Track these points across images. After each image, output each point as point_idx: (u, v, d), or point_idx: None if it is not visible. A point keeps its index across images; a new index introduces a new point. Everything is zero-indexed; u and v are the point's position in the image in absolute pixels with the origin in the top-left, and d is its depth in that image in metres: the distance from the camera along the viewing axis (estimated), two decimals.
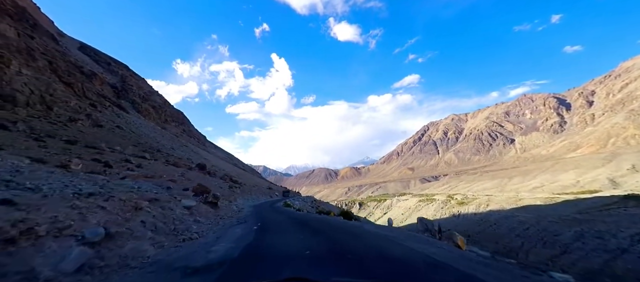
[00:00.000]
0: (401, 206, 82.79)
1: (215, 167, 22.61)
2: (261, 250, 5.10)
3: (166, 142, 19.02)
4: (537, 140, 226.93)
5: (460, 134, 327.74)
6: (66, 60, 17.86)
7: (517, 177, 77.52)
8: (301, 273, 3.17)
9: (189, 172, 15.42)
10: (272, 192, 32.24)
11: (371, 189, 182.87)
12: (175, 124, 38.05)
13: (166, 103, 39.57)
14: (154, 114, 30.92)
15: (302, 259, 4.13)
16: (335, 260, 4.11)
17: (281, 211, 15.65)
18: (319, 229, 7.78)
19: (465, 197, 67.24)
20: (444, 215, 58.10)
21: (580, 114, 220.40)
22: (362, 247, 5.45)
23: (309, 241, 5.94)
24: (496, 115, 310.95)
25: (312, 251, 4.64)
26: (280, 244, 5.67)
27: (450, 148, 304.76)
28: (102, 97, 18.75)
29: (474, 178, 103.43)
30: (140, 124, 20.10)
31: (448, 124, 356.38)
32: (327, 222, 10.08)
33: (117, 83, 27.92)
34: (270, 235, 6.87)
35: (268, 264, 3.97)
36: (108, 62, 31.63)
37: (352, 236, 6.69)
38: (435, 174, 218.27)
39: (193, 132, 43.69)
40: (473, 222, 45.76)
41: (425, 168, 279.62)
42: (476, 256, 5.80)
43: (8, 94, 13.02)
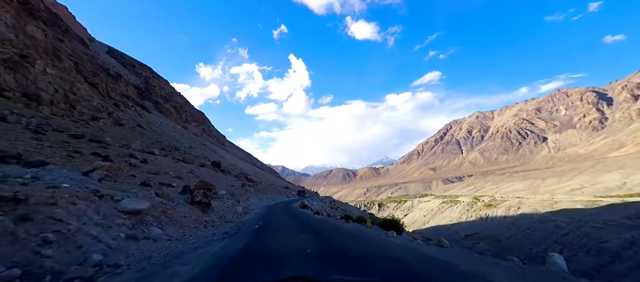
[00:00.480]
0: (423, 207, 79.70)
1: (232, 166, 22.55)
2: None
3: (185, 140, 19.22)
4: (573, 138, 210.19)
5: (485, 132, 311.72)
6: (93, 62, 18.58)
7: (552, 178, 71.74)
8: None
9: (199, 169, 15.21)
10: (289, 191, 31.74)
11: (391, 190, 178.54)
12: (195, 123, 39.07)
13: (187, 103, 40.79)
14: (175, 114, 31.90)
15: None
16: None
17: (296, 214, 13.94)
18: (362, 255, 4.71)
19: (493, 199, 63.20)
20: (470, 218, 54.87)
21: (624, 110, 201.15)
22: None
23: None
24: (526, 112, 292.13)
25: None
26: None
27: (475, 147, 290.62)
28: (126, 97, 19.34)
29: (502, 179, 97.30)
30: (161, 124, 20.50)
31: (472, 122, 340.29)
32: (370, 241, 6.37)
33: (141, 84, 29.04)
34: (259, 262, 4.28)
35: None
36: (133, 65, 33.10)
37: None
38: (458, 174, 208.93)
39: (213, 131, 44.64)
40: (503, 226, 42.63)
41: (448, 168, 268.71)
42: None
43: (33, 92, 13.51)
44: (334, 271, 3.51)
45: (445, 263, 4.09)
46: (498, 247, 34.70)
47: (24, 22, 15.23)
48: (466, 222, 54.33)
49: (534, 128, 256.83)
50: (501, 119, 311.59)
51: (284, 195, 27.88)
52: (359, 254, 4.72)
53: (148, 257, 4.30)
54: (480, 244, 39.17)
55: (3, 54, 12.66)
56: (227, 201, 12.35)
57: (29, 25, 15.36)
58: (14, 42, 13.87)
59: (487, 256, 5.63)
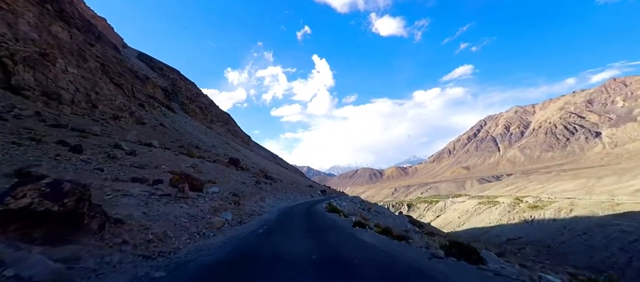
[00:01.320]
0: (457, 208, 75.02)
1: (253, 164, 22.38)
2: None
3: (208, 139, 19.41)
4: (634, 132, 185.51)
5: (526, 128, 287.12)
6: (122, 65, 19.42)
7: (610, 177, 63.59)
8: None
9: (205, 164, 14.44)
10: (313, 190, 30.25)
11: (420, 190, 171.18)
12: (220, 124, 39.92)
13: (212, 104, 41.84)
14: (199, 114, 32.77)
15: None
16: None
17: (324, 218, 10.60)
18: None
19: (538, 200, 57.52)
20: (512, 220, 50.32)
21: None
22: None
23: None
24: (574, 105, 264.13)
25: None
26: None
27: (514, 144, 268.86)
28: (152, 98, 19.97)
29: (548, 178, 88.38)
30: (185, 123, 20.92)
31: (510, 117, 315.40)
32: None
33: (168, 86, 30.27)
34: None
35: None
36: (161, 68, 34.68)
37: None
38: (495, 173, 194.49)
39: (238, 132, 45.43)
40: (552, 230, 38.30)
41: (484, 167, 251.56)
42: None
43: (53, 91, 13.61)
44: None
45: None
46: (548, 254, 31.03)
47: (49, 23, 15.55)
48: (508, 224, 49.91)
49: (585, 122, 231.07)
50: (544, 114, 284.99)
51: (308, 194, 26.46)
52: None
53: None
54: (525, 249, 35.53)
55: (23, 53, 12.79)
56: (214, 203, 8.97)
57: (54, 26, 15.97)
58: (36, 41, 14.00)
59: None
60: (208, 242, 5.95)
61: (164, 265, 4.24)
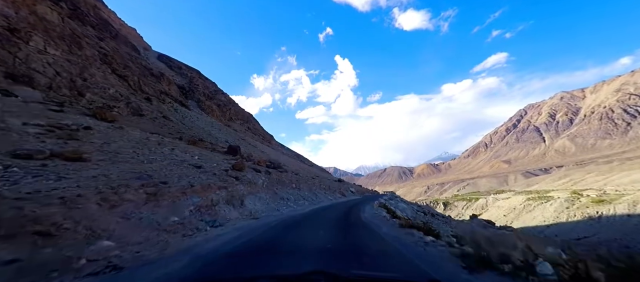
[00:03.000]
0: (501, 205, 68.34)
1: (266, 156, 20.55)
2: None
3: (220, 134, 18.26)
4: None
5: (575, 114, 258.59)
6: (135, 61, 18.83)
7: None
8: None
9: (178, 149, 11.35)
10: (344, 187, 26.51)
11: (456, 187, 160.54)
12: (239, 122, 39.19)
13: (231, 102, 41.15)
14: (217, 111, 32.14)
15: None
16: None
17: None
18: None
19: (603, 193, 50.03)
20: (573, 217, 43.97)
21: None
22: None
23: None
24: (634, 85, 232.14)
25: None
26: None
27: (562, 133, 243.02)
28: (165, 94, 19.32)
29: (611, 168, 77.35)
30: (197, 119, 19.91)
31: (555, 104, 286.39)
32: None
33: (185, 84, 30.12)
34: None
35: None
36: (180, 67, 34.86)
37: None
38: (542, 165, 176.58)
39: (259, 130, 44.55)
40: (628, 228, 32.36)
41: (527, 160, 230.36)
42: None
43: (23, 73, 11.35)
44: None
45: None
46: (629, 258, 25.94)
47: (33, 1, 13.69)
48: (567, 222, 43.72)
49: None
50: (597, 98, 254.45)
51: (337, 192, 21.79)
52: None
53: None
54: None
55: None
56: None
57: (40, 6, 14.23)
58: (10, 18, 12.07)
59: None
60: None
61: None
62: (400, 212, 11.74)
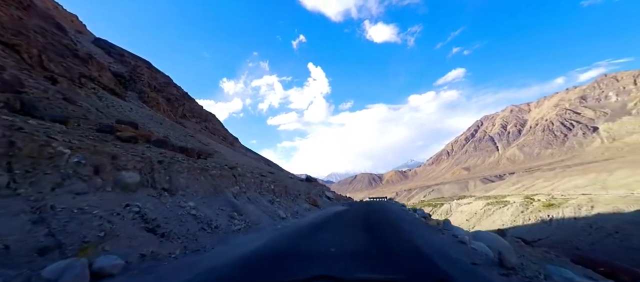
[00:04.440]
0: (464, 210, 71.99)
1: (207, 149, 17.72)
2: None
3: (161, 130, 15.49)
4: (629, 125, 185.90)
5: (523, 126, 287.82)
6: (49, 37, 14.84)
7: (622, 170, 61.27)
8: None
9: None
10: (315, 192, 21.20)
11: (422, 193, 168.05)
12: (195, 120, 35.08)
13: (185, 97, 36.59)
14: (164, 106, 28.22)
15: None
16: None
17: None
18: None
19: (551, 198, 54.77)
20: (528, 221, 47.32)
21: None
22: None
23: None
24: (568, 101, 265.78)
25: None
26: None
27: (512, 143, 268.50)
28: (90, 79, 15.87)
29: (555, 174, 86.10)
30: (131, 110, 16.76)
31: (506, 116, 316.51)
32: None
33: (126, 73, 26.16)
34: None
35: None
36: (121, 54, 30.49)
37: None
38: (497, 172, 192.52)
39: (220, 131, 40.55)
40: (576, 230, 35.34)
41: (484, 167, 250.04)
42: None
43: None
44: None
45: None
46: (580, 257, 28.02)
47: None
48: (524, 226, 46.89)
49: (581, 118, 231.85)
50: (540, 111, 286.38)
51: (303, 199, 16.82)
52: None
53: None
54: (551, 253, 32.36)
55: None
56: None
57: None
58: None
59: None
60: None
61: None
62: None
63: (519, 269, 4.95)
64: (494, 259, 5.33)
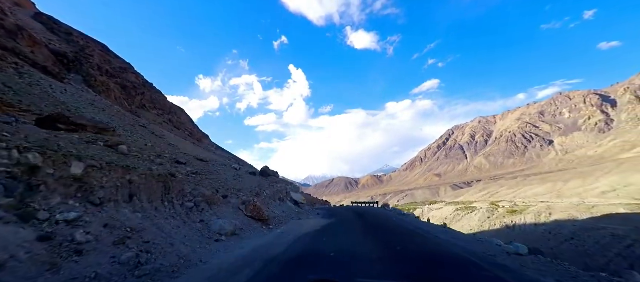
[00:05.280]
0: (435, 215, 74.55)
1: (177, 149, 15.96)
2: None
3: (103, 117, 13.71)
4: (580, 140, 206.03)
5: (489, 137, 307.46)
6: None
7: (575, 181, 66.85)
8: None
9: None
10: (278, 192, 16.15)
11: (397, 197, 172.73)
12: (157, 112, 32.54)
13: (146, 85, 33.67)
14: (117, 93, 25.70)
15: None
16: None
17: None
18: None
19: (514, 205, 58.32)
20: (494, 226, 49.83)
21: (630, 111, 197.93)
22: None
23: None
24: (529, 116, 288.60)
25: None
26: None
27: (480, 152, 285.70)
28: (15, 54, 13.87)
29: (517, 183, 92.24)
30: (65, 94, 14.74)
31: (475, 127, 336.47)
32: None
33: (70, 53, 23.47)
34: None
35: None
36: (69, 33, 27.35)
37: None
38: (465, 180, 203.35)
39: (186, 126, 37.88)
40: (537, 236, 37.66)
41: (454, 174, 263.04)
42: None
43: None
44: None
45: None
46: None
47: None
48: (489, 231, 49.26)
49: (539, 131, 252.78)
50: (504, 124, 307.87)
51: (231, 210, 10.48)
52: None
53: None
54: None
55: None
56: None
57: None
58: None
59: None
60: None
61: None
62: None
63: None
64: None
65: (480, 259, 6.11)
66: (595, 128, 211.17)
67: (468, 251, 7.31)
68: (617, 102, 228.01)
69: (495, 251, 7.94)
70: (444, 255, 6.78)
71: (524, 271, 5.56)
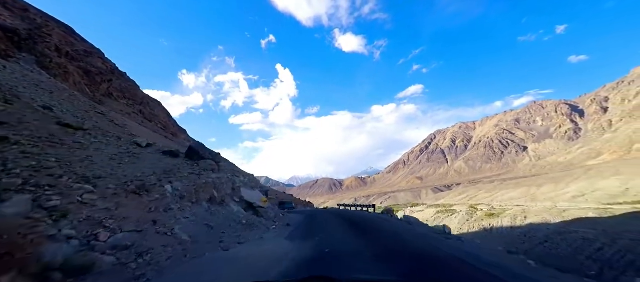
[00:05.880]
0: (417, 217, 75.50)
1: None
2: None
3: (46, 99, 12.17)
4: (551, 147, 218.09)
5: (469, 142, 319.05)
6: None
7: (547, 186, 70.04)
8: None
9: None
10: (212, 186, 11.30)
11: (380, 199, 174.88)
12: (127, 102, 30.38)
13: (114, 72, 31.20)
14: (77, 77, 23.44)
15: None
16: None
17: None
18: None
19: (492, 208, 60.18)
20: (472, 229, 51.00)
21: (596, 121, 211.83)
22: None
23: None
24: (506, 122, 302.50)
25: None
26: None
27: (460, 156, 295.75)
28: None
29: (494, 187, 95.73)
30: (9, 75, 13.16)
31: (456, 132, 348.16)
32: None
33: (22, 30, 21.33)
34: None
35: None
36: (25, 9, 24.89)
37: None
38: (445, 183, 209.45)
39: (160, 119, 35.61)
40: (513, 238, 38.74)
41: (435, 177, 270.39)
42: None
43: None
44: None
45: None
46: None
47: None
48: (469, 233, 50.36)
49: (514, 138, 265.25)
50: (483, 129, 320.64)
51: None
52: None
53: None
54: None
55: None
56: None
57: None
58: None
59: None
60: None
61: None
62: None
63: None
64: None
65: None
66: (565, 136, 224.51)
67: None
68: (584, 112, 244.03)
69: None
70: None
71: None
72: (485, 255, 8.17)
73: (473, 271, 5.48)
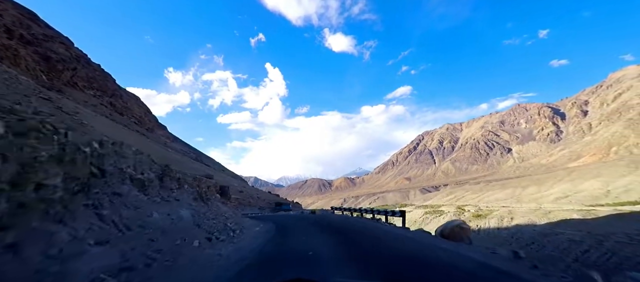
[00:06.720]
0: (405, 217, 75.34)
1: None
2: None
3: (8, 92, 10.56)
4: (534, 149, 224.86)
5: (456, 143, 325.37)
6: None
7: (532, 187, 71.27)
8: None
9: None
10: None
11: (369, 200, 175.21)
12: (94, 92, 28.28)
13: (80, 60, 28.78)
14: (31, 63, 21.39)
15: None
16: None
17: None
18: None
19: (478, 209, 60.47)
20: None
21: (576, 124, 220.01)
22: None
23: None
24: (491, 124, 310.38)
25: None
26: None
27: (447, 157, 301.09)
28: None
29: (481, 188, 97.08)
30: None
31: (443, 133, 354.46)
32: None
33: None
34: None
35: None
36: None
37: None
38: (432, 183, 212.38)
39: (134, 112, 33.40)
40: (501, 239, 38.61)
41: (423, 178, 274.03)
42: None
43: None
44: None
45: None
46: None
47: None
48: None
49: (499, 140, 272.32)
50: (469, 131, 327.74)
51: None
52: None
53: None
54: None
55: None
56: None
57: None
58: None
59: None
60: None
61: None
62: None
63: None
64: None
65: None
66: (547, 138, 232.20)
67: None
68: (565, 115, 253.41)
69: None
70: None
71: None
72: (496, 262, 7.24)
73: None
